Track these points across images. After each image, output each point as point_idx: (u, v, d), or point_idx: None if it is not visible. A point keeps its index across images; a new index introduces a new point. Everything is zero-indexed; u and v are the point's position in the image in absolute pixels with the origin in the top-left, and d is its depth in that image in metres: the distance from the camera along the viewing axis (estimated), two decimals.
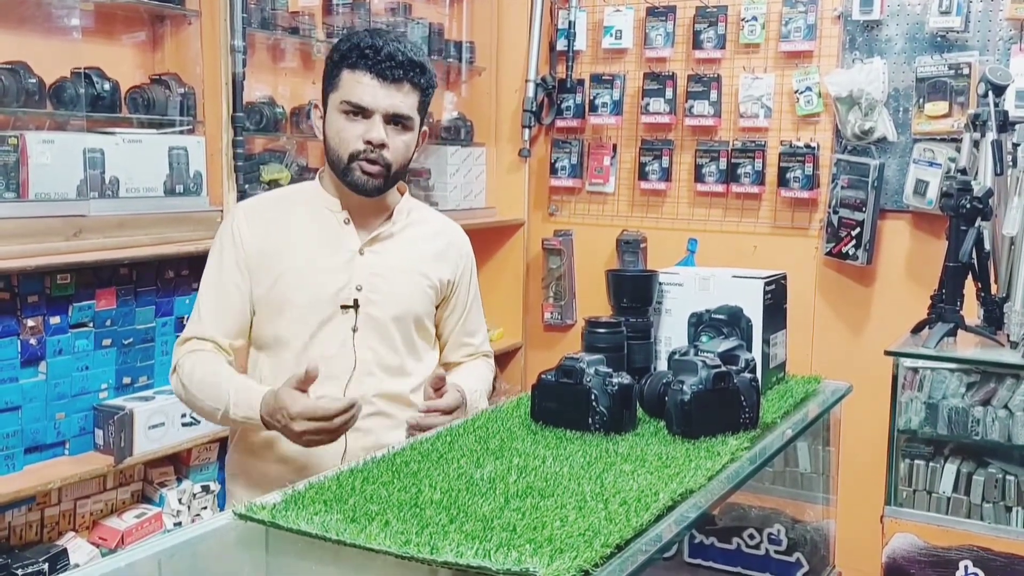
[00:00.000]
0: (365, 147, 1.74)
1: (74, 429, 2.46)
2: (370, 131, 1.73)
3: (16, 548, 2.38)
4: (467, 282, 1.96)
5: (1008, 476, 2.29)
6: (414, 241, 1.87)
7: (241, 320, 1.81)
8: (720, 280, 1.82)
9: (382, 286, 1.81)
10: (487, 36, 3.86)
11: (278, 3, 3.00)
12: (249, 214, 1.85)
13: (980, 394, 2.34)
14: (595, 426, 1.52)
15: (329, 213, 1.82)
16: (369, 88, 1.72)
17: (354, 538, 1.10)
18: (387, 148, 1.75)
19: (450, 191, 3.62)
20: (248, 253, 1.80)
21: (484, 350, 2.03)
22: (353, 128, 1.74)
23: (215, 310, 1.80)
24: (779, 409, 1.70)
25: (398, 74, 1.73)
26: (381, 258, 1.82)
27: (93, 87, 2.51)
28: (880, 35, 3.29)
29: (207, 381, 1.75)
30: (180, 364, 1.79)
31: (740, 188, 3.54)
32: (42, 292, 2.38)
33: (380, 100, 1.73)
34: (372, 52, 1.72)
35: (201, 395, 1.75)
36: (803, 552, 1.93)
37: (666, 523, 1.21)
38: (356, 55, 1.73)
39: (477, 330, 2.01)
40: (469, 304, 1.97)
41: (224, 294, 1.80)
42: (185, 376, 1.78)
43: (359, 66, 1.73)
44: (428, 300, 1.88)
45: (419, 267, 1.86)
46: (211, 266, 1.84)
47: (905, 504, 2.35)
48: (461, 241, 1.97)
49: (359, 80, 1.72)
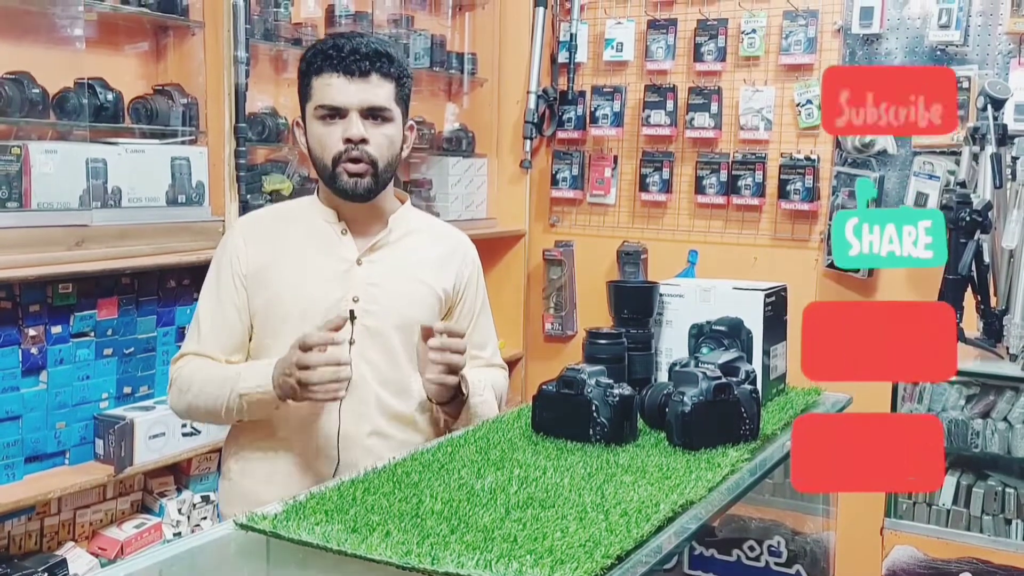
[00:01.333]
0: (346, 146, 1.72)
1: (74, 439, 2.46)
2: (348, 129, 1.71)
3: (16, 557, 2.37)
4: (473, 290, 1.92)
5: (1008, 488, 2.29)
6: (413, 249, 1.84)
7: (239, 336, 1.80)
8: (721, 292, 1.83)
9: (380, 296, 1.78)
10: (489, 48, 3.88)
11: (281, 14, 3.01)
12: (246, 230, 1.83)
13: (979, 406, 2.34)
14: (596, 437, 1.52)
15: (327, 225, 1.80)
16: (338, 86, 1.71)
17: (355, 548, 1.11)
18: (368, 143, 1.72)
19: (451, 202, 3.63)
20: (246, 269, 1.78)
21: (495, 363, 1.98)
22: (332, 132, 1.72)
23: (212, 327, 1.79)
24: (779, 420, 1.70)
25: (364, 66, 1.71)
26: (379, 267, 1.79)
27: (96, 97, 2.52)
28: (880, 48, 3.31)
29: (208, 378, 1.74)
30: (177, 376, 1.79)
31: (740, 200, 3.55)
32: (44, 301, 2.38)
33: (351, 96, 1.71)
34: (335, 51, 1.71)
35: (203, 393, 1.74)
36: (803, 564, 1.93)
37: (666, 534, 1.21)
38: (321, 59, 1.72)
39: (486, 342, 1.96)
40: (477, 314, 1.92)
41: (221, 311, 1.79)
42: (184, 383, 1.76)
43: (325, 68, 1.72)
44: (431, 309, 1.83)
45: (419, 275, 1.83)
46: (209, 283, 1.83)
47: (905, 516, 2.35)
48: (465, 248, 1.93)
49: (328, 82, 1.71)
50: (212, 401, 1.73)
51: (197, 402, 1.76)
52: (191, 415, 1.83)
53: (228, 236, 1.86)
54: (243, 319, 1.79)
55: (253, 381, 1.69)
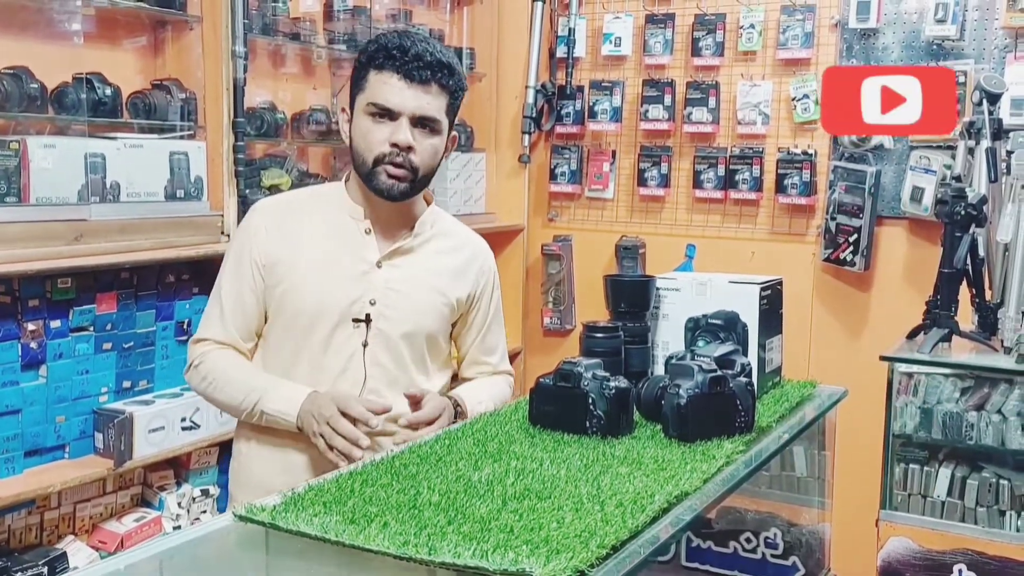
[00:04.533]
0: (391, 150, 1.70)
1: (74, 433, 2.47)
2: (396, 133, 1.69)
3: (16, 551, 2.38)
4: (488, 299, 1.91)
5: (1002, 480, 2.30)
6: (434, 255, 1.82)
7: (255, 323, 1.79)
8: (717, 285, 1.83)
9: (397, 301, 1.76)
10: (487, 42, 3.88)
11: (279, 9, 3.01)
12: (266, 217, 1.81)
13: (974, 399, 2.35)
14: (592, 429, 1.53)
15: (351, 220, 1.78)
16: (396, 89, 1.68)
17: (353, 539, 1.12)
18: (414, 152, 1.70)
19: (450, 197, 3.63)
20: (264, 259, 1.77)
21: (502, 369, 1.98)
22: (379, 131, 1.70)
23: (233, 312, 1.78)
24: (774, 413, 1.71)
25: (426, 75, 1.69)
26: (399, 272, 1.78)
27: (94, 92, 2.52)
28: (877, 43, 3.31)
29: (232, 379, 1.75)
30: (201, 359, 1.78)
31: (738, 194, 3.56)
32: (43, 296, 2.39)
33: (407, 101, 1.69)
34: (399, 53, 1.68)
35: (229, 387, 1.75)
36: (799, 556, 1.94)
37: (661, 525, 1.22)
38: (383, 56, 1.69)
39: (495, 348, 1.96)
40: (488, 322, 1.92)
41: (240, 296, 1.78)
42: (208, 369, 1.76)
43: (386, 67, 1.69)
44: (443, 318, 1.83)
45: (436, 283, 1.81)
46: (227, 267, 1.81)
47: (900, 508, 2.36)
48: (484, 256, 1.91)
49: (386, 81, 1.69)
50: (231, 401, 1.76)
51: (216, 395, 1.78)
52: (206, 399, 1.84)
53: (248, 220, 1.83)
54: (260, 306, 1.78)
55: (280, 405, 1.70)
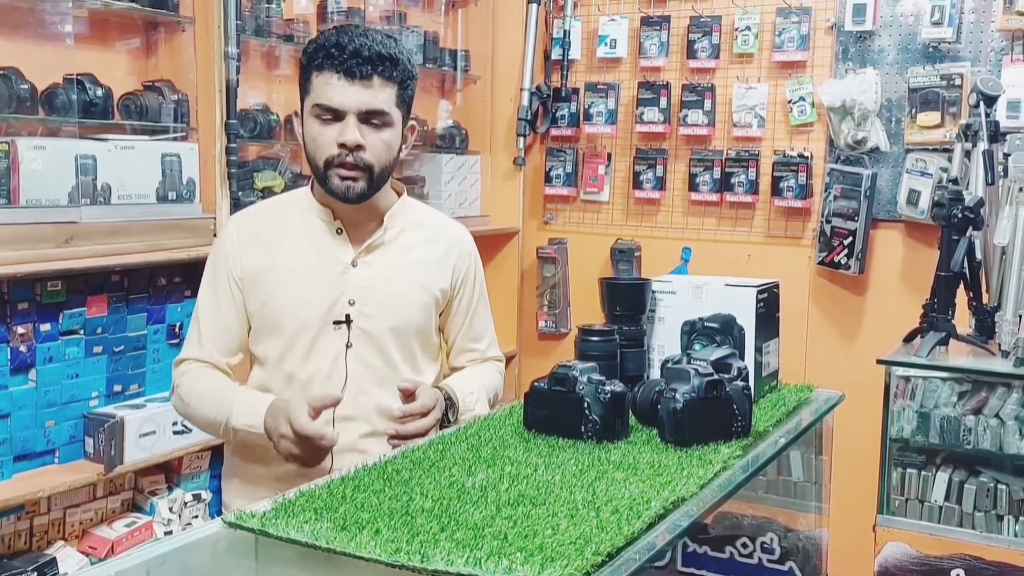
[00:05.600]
0: (339, 151, 1.68)
1: (64, 437, 2.44)
2: (344, 133, 1.67)
3: (5, 557, 2.36)
4: (471, 285, 1.90)
5: (999, 485, 2.29)
6: (410, 248, 1.82)
7: (238, 337, 1.80)
8: (713, 288, 1.82)
9: (375, 299, 1.76)
10: (482, 45, 3.87)
11: (272, 10, 3.00)
12: (240, 229, 1.81)
13: (972, 403, 2.34)
14: (587, 434, 1.51)
15: (321, 223, 1.78)
16: (338, 88, 1.66)
17: (344, 546, 1.10)
18: (364, 149, 1.69)
19: (444, 199, 3.62)
20: (241, 272, 1.77)
21: (491, 355, 1.98)
22: (327, 132, 1.69)
23: (212, 330, 1.78)
24: (771, 417, 1.70)
25: (366, 70, 1.66)
26: (375, 268, 1.77)
27: (85, 93, 2.50)
28: (873, 46, 3.31)
29: (204, 397, 1.75)
30: (180, 383, 1.79)
31: (734, 197, 3.55)
32: (32, 299, 2.37)
33: (350, 99, 1.66)
34: (338, 50, 1.66)
35: (203, 408, 1.75)
36: (796, 561, 1.93)
37: (658, 531, 1.20)
38: (322, 56, 1.68)
39: (482, 335, 1.95)
40: (473, 308, 1.91)
41: (219, 313, 1.78)
42: (185, 393, 1.78)
43: (325, 67, 1.67)
44: (427, 311, 1.82)
45: (415, 276, 1.81)
46: (206, 283, 1.82)
47: (897, 513, 2.35)
48: (463, 242, 1.90)
49: (327, 81, 1.67)
50: (208, 419, 1.76)
51: (195, 415, 1.79)
52: (190, 421, 1.86)
53: (223, 235, 1.84)
54: (241, 319, 1.79)
55: (246, 419, 1.69)
